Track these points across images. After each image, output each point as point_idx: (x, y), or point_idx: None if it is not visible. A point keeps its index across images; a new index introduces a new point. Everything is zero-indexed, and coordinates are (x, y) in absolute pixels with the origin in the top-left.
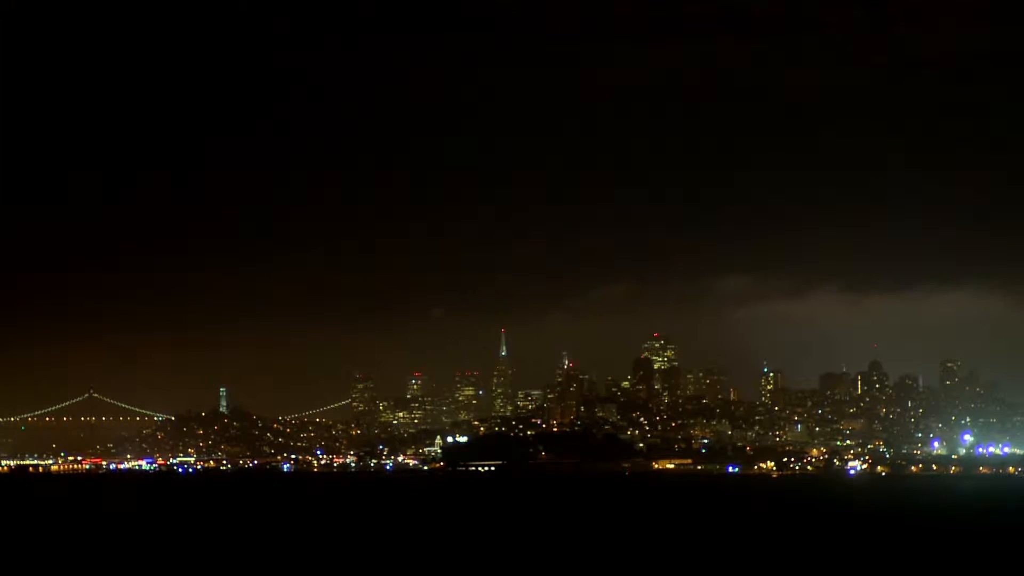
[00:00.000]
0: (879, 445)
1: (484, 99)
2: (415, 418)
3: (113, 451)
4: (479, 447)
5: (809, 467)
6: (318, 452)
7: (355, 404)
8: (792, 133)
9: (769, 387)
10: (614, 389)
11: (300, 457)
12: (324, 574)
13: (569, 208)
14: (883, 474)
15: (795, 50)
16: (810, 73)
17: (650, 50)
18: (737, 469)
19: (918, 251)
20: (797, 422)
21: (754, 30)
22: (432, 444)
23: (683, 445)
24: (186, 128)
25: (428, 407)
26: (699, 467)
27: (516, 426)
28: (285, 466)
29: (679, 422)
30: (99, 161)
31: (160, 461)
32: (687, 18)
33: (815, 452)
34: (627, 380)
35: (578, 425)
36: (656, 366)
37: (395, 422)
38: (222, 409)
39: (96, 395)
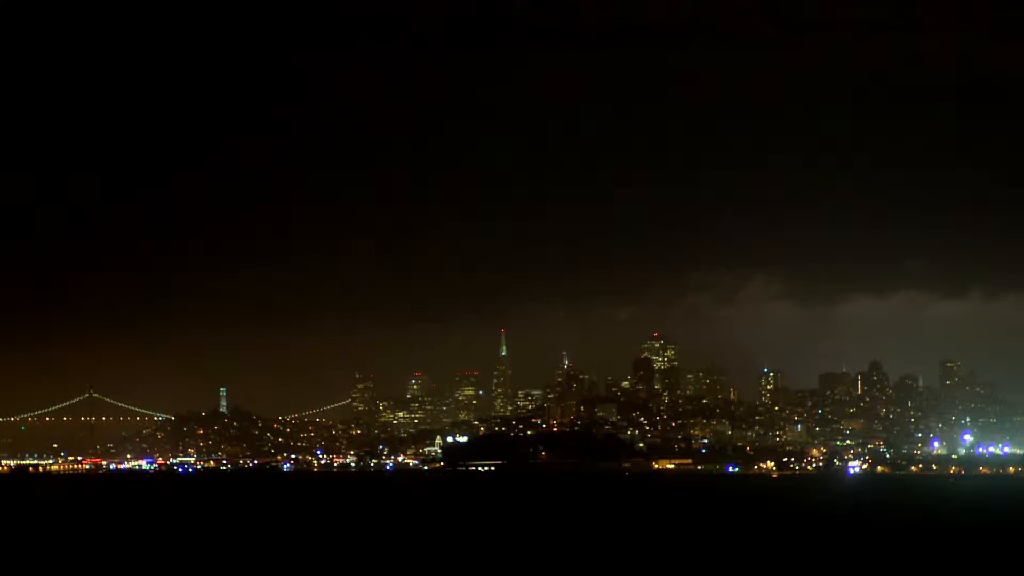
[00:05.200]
0: (879, 445)
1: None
2: (415, 418)
3: (113, 451)
4: (479, 447)
5: (809, 467)
6: (318, 452)
7: (355, 404)
8: (792, 133)
9: (769, 387)
10: (614, 389)
11: (300, 457)
12: (324, 574)
13: (570, 208)
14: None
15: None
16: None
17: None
18: (737, 469)
19: (918, 251)
20: (797, 422)
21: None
22: (432, 444)
23: (683, 445)
24: (186, 130)
25: (428, 407)
26: (699, 467)
27: (516, 426)
28: (285, 466)
29: (679, 422)
30: (99, 161)
31: (160, 461)
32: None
33: (815, 452)
34: (627, 380)
35: (578, 425)
36: (656, 366)
37: (395, 422)
38: (222, 409)
39: (96, 395)
